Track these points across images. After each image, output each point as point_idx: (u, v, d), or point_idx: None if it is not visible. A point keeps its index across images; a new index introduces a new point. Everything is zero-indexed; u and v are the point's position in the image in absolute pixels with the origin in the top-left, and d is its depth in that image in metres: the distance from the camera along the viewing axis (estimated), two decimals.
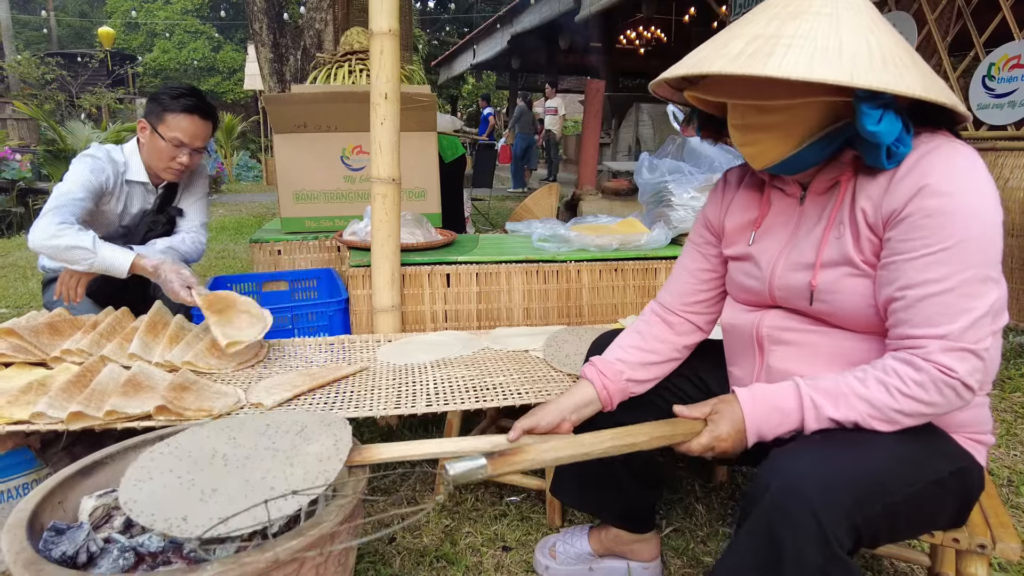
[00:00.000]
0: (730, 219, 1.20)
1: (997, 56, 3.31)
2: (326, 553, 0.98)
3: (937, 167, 0.91)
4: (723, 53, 0.92)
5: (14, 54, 14.15)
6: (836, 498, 0.86)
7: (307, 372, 1.63)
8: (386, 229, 2.00)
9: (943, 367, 0.90)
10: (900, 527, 0.95)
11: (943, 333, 0.90)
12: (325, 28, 5.67)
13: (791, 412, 0.98)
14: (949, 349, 0.90)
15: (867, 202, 0.97)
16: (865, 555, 1.52)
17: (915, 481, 0.93)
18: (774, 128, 0.98)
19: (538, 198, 4.79)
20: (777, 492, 0.88)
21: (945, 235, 0.89)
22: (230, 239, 6.22)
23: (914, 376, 0.92)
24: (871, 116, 0.88)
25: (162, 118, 2.00)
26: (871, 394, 0.94)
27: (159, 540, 1.03)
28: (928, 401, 0.92)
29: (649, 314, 1.33)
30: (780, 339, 1.10)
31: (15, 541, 0.92)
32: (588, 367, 1.28)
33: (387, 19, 1.88)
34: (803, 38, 0.89)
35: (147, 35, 23.77)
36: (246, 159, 14.34)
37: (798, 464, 0.89)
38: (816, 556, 0.84)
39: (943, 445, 0.99)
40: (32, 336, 1.56)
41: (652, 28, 11.19)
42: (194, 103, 2.02)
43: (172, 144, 2.01)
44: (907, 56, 0.92)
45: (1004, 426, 2.18)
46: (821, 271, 1.02)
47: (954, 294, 0.90)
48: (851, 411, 0.94)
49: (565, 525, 1.64)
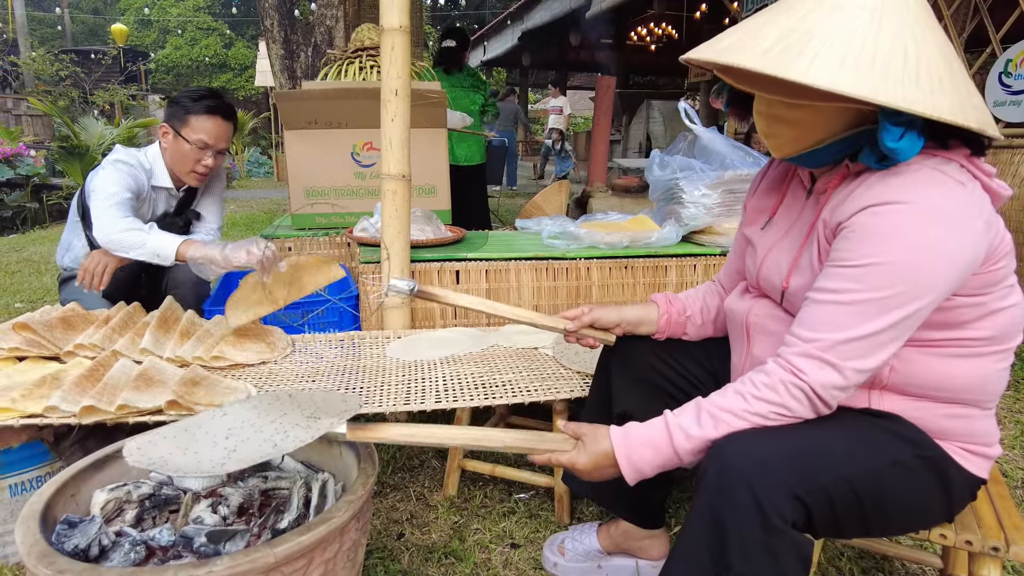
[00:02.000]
0: (754, 200, 1.23)
1: (1014, 52, 3.26)
2: (335, 548, 0.98)
3: (893, 191, 0.89)
4: (754, 44, 0.89)
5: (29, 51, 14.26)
6: (772, 470, 0.87)
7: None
8: (396, 226, 2.00)
9: (794, 368, 0.92)
10: (869, 512, 0.94)
11: (813, 338, 0.92)
12: (336, 24, 5.68)
13: (660, 441, 0.99)
14: (808, 355, 0.91)
15: (828, 212, 0.98)
16: (876, 556, 1.51)
17: (869, 459, 0.93)
18: (797, 124, 0.97)
19: (548, 195, 4.78)
20: (715, 473, 0.90)
21: (863, 253, 0.89)
22: (241, 235, 6.25)
23: (764, 380, 0.94)
24: (892, 133, 0.87)
25: (185, 121, 2.01)
26: (728, 403, 0.96)
27: (170, 534, 1.04)
28: (780, 403, 0.92)
29: (709, 285, 1.38)
30: (764, 328, 1.11)
31: (28, 533, 0.93)
32: (659, 295, 1.36)
33: (398, 15, 1.88)
34: (837, 39, 0.85)
35: (160, 32, 23.91)
36: (257, 155, 14.41)
37: (735, 446, 0.91)
38: (756, 529, 0.86)
39: (905, 432, 0.98)
40: (46, 331, 1.57)
41: (663, 24, 11.12)
42: (216, 104, 2.03)
43: (197, 147, 2.02)
44: (945, 69, 0.86)
45: (1019, 427, 2.15)
46: (793, 274, 1.04)
47: (844, 308, 0.90)
48: (712, 420, 0.95)
49: (574, 523, 1.63)
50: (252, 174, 13.81)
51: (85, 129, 7.99)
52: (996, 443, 1.04)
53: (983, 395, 1.00)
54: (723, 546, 0.88)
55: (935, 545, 1.45)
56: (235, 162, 12.86)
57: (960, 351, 0.96)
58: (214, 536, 1.03)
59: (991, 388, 1.00)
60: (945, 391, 0.98)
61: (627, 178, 5.16)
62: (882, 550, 1.38)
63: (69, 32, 19.28)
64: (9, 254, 5.19)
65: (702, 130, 2.39)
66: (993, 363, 0.98)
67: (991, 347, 0.97)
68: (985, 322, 0.95)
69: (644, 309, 1.34)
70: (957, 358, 0.97)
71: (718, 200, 2.28)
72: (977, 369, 0.97)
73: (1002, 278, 0.94)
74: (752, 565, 0.86)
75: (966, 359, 0.97)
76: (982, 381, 0.98)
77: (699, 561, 0.91)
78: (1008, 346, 0.99)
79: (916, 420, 0.99)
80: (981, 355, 0.97)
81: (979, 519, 1.11)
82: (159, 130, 2.08)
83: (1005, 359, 0.99)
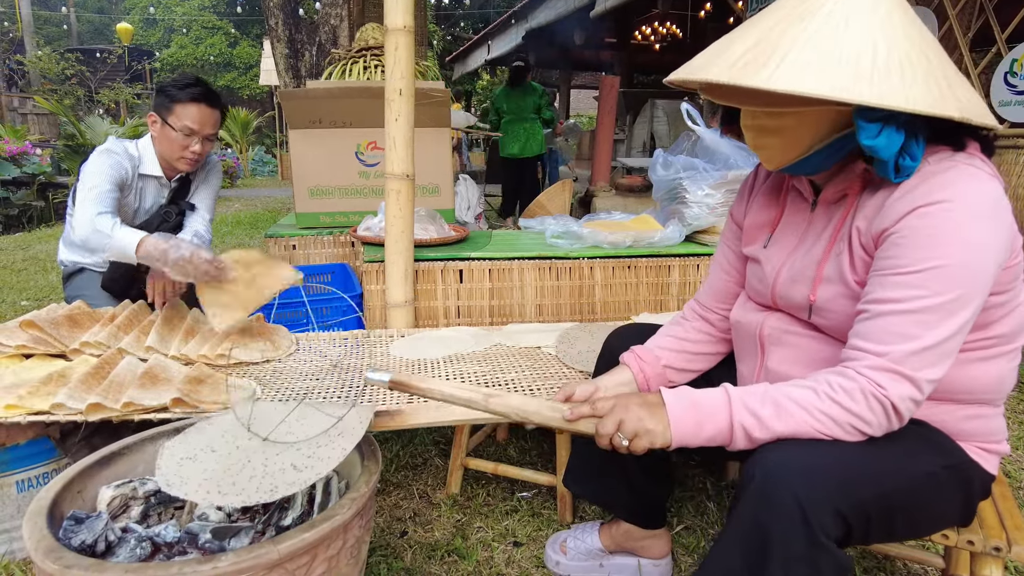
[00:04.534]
0: (750, 216, 1.21)
1: (1020, 52, 3.25)
2: (338, 545, 0.99)
3: (936, 190, 0.87)
4: (722, 59, 0.90)
5: (35, 50, 14.33)
6: (819, 485, 0.85)
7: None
8: (400, 225, 2.01)
9: (873, 381, 0.89)
10: (898, 522, 0.94)
11: (884, 351, 0.88)
12: (340, 24, 5.69)
13: (718, 408, 0.95)
14: (884, 368, 0.88)
15: (863, 221, 0.96)
16: (878, 556, 1.51)
17: (906, 471, 0.92)
18: (782, 132, 0.97)
19: (552, 194, 4.79)
20: (761, 481, 0.88)
21: (921, 256, 0.87)
22: (245, 234, 6.27)
23: (843, 383, 0.90)
24: (868, 130, 0.86)
25: (171, 109, 2.04)
26: (798, 395, 0.92)
27: (175, 531, 1.05)
28: (857, 412, 0.89)
29: (688, 311, 1.33)
30: (780, 341, 1.09)
31: (36, 529, 0.94)
32: (626, 354, 1.28)
33: (402, 15, 1.89)
34: (803, 44, 0.85)
35: (165, 31, 23.98)
36: (261, 154, 14.45)
37: (781, 455, 0.89)
38: (801, 543, 0.84)
39: (934, 438, 0.98)
40: (52, 328, 1.59)
41: (668, 24, 11.10)
42: (200, 91, 2.05)
43: (183, 133, 2.05)
44: (922, 62, 0.86)
45: (1023, 428, 2.15)
46: (820, 287, 1.01)
47: (910, 317, 0.87)
48: (777, 407, 0.92)
49: (576, 521, 1.64)
50: (257, 173, 13.85)
51: (91, 128, 8.03)
52: (1004, 440, 1.04)
53: (999, 394, 1.00)
54: (764, 556, 0.86)
55: (937, 545, 1.45)
56: (239, 161, 12.89)
57: (983, 352, 0.97)
58: (219, 533, 1.04)
59: (1005, 386, 1.00)
60: (968, 392, 0.98)
61: (631, 177, 5.16)
62: (884, 550, 1.38)
63: (75, 31, 19.37)
64: (15, 252, 5.22)
65: (704, 130, 2.39)
66: (1007, 361, 0.98)
67: (1007, 345, 0.97)
68: (1007, 319, 0.96)
69: (618, 375, 1.26)
70: (980, 360, 0.97)
71: (721, 200, 2.29)
72: (996, 368, 0.98)
73: (1019, 273, 0.95)
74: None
75: (987, 360, 0.97)
76: (999, 380, 0.99)
77: (734, 569, 0.89)
78: (1018, 344, 0.99)
79: (939, 424, 0.99)
80: (1000, 355, 0.97)
81: (981, 519, 1.11)
82: (148, 119, 2.11)
83: (1016, 356, 0.99)
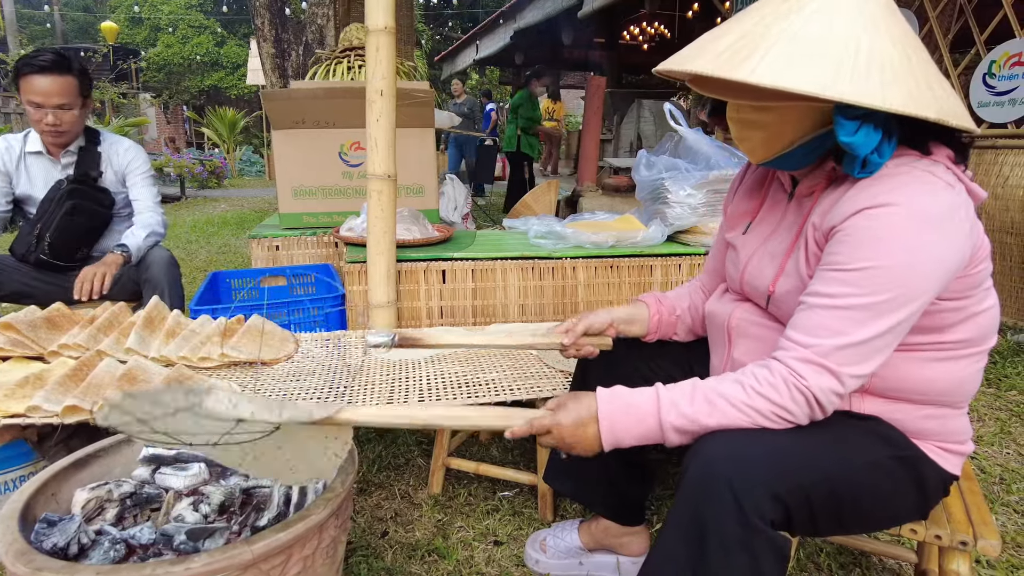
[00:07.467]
0: (733, 204, 1.24)
1: (998, 54, 3.30)
2: (313, 545, 0.99)
3: (885, 193, 0.89)
4: (708, 51, 0.91)
5: (18, 48, 14.16)
6: (751, 470, 0.88)
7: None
8: (382, 225, 2.01)
9: (794, 371, 0.91)
10: (846, 510, 0.95)
11: (811, 344, 0.91)
12: (327, 24, 5.67)
13: (647, 410, 0.97)
14: (808, 360, 0.91)
15: (818, 217, 0.98)
16: (854, 552, 1.53)
17: (846, 459, 0.94)
18: (766, 126, 0.98)
19: (537, 194, 4.80)
20: (695, 472, 0.91)
21: (860, 256, 0.89)
22: (231, 234, 6.24)
23: (768, 377, 0.92)
24: (846, 127, 0.87)
25: (20, 85, 2.03)
26: (726, 389, 0.94)
27: (150, 532, 1.05)
28: (781, 404, 0.91)
29: (693, 283, 1.38)
30: (746, 332, 1.12)
31: (7, 532, 0.93)
32: (646, 295, 1.35)
33: (383, 16, 1.89)
34: (787, 39, 0.86)
35: (151, 30, 23.75)
36: (249, 154, 14.38)
37: (715, 446, 0.91)
38: (735, 527, 0.86)
39: (882, 431, 1.00)
40: (30, 330, 1.58)
41: (656, 24, 11.14)
42: (44, 61, 2.01)
43: (33, 107, 2.04)
44: (902, 61, 0.87)
45: (998, 424, 2.18)
46: (781, 279, 1.04)
47: (840, 313, 0.90)
48: (707, 404, 0.93)
49: (557, 520, 1.65)
50: (244, 173, 13.78)
51: None
52: (969, 440, 1.06)
53: (959, 396, 1.02)
54: (702, 544, 0.89)
55: (910, 541, 1.47)
56: (227, 160, 12.82)
57: (939, 354, 0.98)
58: (194, 534, 1.04)
59: (966, 389, 1.02)
60: (923, 394, 1.00)
61: (617, 177, 5.18)
62: (859, 546, 1.40)
63: (59, 30, 19.16)
64: None
65: (687, 131, 2.41)
66: (969, 365, 1.00)
67: (968, 349, 0.99)
68: (964, 325, 0.97)
69: (634, 308, 1.33)
70: (936, 362, 0.98)
71: (703, 200, 2.30)
72: (954, 372, 0.99)
73: (981, 281, 0.96)
74: (730, 563, 0.87)
75: (944, 362, 0.98)
76: (959, 383, 1.00)
77: (677, 558, 0.92)
78: (984, 348, 1.00)
79: (894, 421, 1.01)
80: (959, 358, 0.99)
81: (949, 514, 1.13)
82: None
83: (980, 360, 1.01)
